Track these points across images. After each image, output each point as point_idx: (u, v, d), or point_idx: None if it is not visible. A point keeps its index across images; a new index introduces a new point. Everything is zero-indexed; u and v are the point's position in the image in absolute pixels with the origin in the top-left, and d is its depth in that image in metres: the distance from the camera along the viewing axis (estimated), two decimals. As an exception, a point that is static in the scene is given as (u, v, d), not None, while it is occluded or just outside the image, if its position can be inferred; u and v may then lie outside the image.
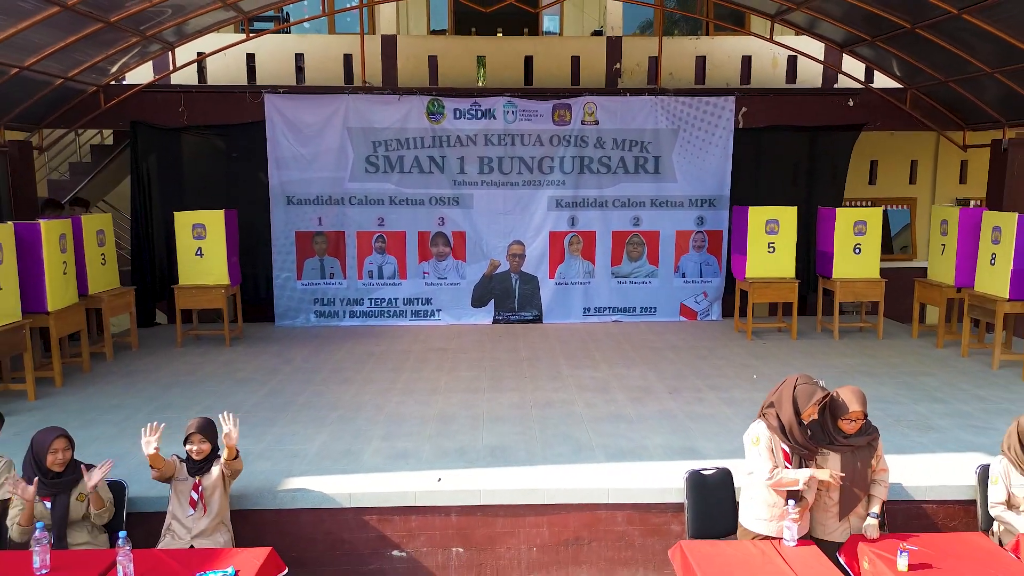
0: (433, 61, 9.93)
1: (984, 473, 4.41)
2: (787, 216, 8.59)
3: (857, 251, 8.63)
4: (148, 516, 4.36)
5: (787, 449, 3.90)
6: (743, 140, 9.51)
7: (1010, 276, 7.12)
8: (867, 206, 12.02)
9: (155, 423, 4.00)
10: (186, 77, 9.61)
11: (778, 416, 3.94)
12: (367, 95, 9.16)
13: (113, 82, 9.11)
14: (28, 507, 3.80)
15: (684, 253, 9.73)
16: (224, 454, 4.07)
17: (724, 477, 4.37)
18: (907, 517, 4.60)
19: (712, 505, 4.31)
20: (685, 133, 9.41)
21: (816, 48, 9.83)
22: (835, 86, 9.98)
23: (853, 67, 9.82)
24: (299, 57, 10.03)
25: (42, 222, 6.63)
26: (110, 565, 3.54)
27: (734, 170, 9.56)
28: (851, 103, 9.55)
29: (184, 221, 8.28)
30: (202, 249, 8.29)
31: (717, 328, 9.36)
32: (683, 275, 9.77)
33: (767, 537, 3.89)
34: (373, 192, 9.36)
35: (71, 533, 3.98)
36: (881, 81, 9.83)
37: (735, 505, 4.25)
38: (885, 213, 12.55)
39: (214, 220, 8.29)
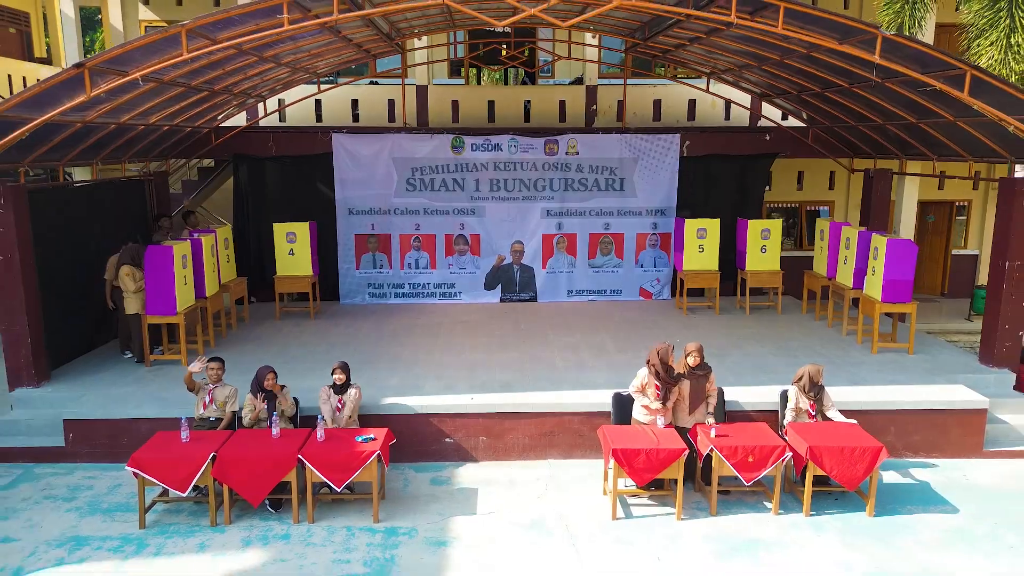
0: (455, 105, 13.14)
1: (784, 395, 7.78)
2: (712, 225, 11.88)
3: (763, 251, 11.94)
4: (309, 418, 7.75)
5: (658, 383, 7.27)
6: (687, 166, 12.74)
7: (853, 272, 10.46)
8: (794, 207, 15.37)
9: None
10: (271, 119, 12.82)
11: (653, 366, 7.28)
12: (407, 134, 12.41)
13: (220, 125, 12.34)
14: (258, 410, 7.21)
15: (642, 250, 13.04)
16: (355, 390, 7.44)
17: (631, 396, 7.75)
18: (742, 419, 7.98)
19: (624, 411, 7.69)
20: (643, 161, 12.65)
21: (744, 97, 12.99)
22: (758, 124, 13.16)
23: (772, 111, 13.00)
24: (354, 102, 13.22)
25: (202, 236, 9.99)
26: (310, 433, 6.96)
27: (681, 187, 12.79)
28: (768, 137, 12.76)
29: (281, 230, 11.61)
30: (294, 250, 11.64)
31: (665, 305, 12.72)
32: (641, 266, 13.09)
33: (647, 424, 7.28)
34: (411, 205, 12.65)
35: (277, 423, 7.38)
36: (794, 121, 13.02)
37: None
38: (817, 213, 15.86)
39: (302, 229, 11.62)
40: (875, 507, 6.96)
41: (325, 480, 6.67)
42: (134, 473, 6.57)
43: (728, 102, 13.00)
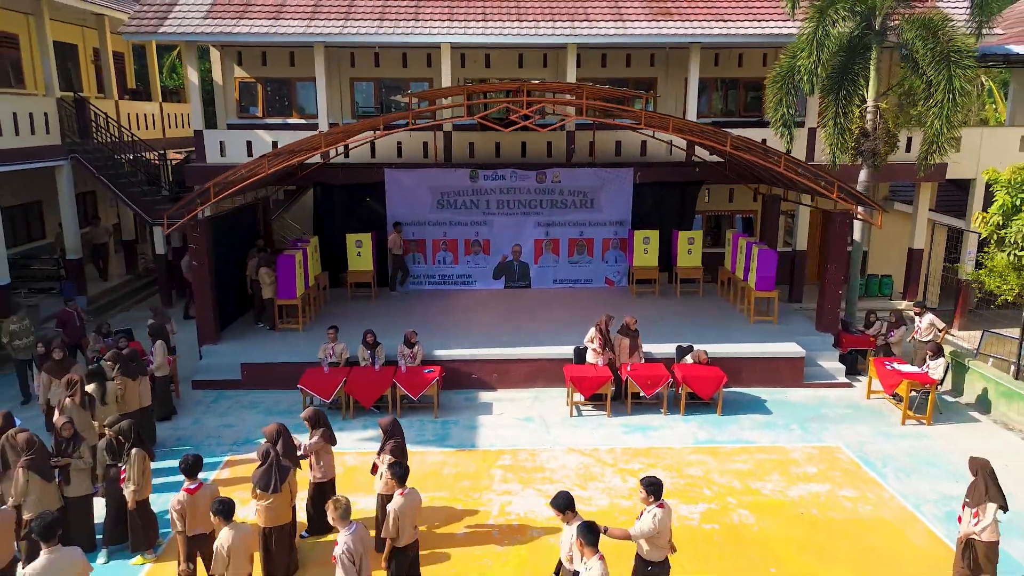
0: (472, 146, 18.05)
1: (678, 349, 12.86)
2: (654, 235, 16.90)
3: (690, 252, 16.98)
4: (391, 362, 12.78)
5: (601, 338, 12.34)
6: (640, 190, 17.69)
7: (743, 271, 15.49)
8: (727, 215, 20.35)
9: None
10: (339, 157, 17.73)
11: (599, 327, 12.35)
12: (437, 168, 17.37)
13: (304, 161, 17.25)
14: (364, 354, 12.28)
15: (607, 250, 18.04)
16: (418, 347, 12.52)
17: (586, 347, 12.80)
18: (652, 361, 13.03)
19: (581, 357, 12.75)
20: (607, 187, 17.61)
21: (681, 140, 17.87)
22: (691, 159, 18.07)
23: (702, 151, 17.90)
24: (399, 143, 18.13)
25: (308, 246, 15.01)
26: (396, 369, 12.05)
27: (635, 205, 17.75)
28: (697, 170, 17.71)
29: (352, 238, 16.62)
30: (360, 252, 16.67)
31: (622, 290, 17.77)
32: (606, 262, 18.10)
33: (593, 363, 12.36)
34: (441, 219, 17.63)
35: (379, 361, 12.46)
36: (717, 158, 17.91)
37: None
38: (749, 220, 20.80)
39: (366, 238, 16.65)
40: (722, 410, 12.07)
41: (407, 393, 11.76)
42: (301, 390, 11.68)
43: (670, 144, 17.94)
